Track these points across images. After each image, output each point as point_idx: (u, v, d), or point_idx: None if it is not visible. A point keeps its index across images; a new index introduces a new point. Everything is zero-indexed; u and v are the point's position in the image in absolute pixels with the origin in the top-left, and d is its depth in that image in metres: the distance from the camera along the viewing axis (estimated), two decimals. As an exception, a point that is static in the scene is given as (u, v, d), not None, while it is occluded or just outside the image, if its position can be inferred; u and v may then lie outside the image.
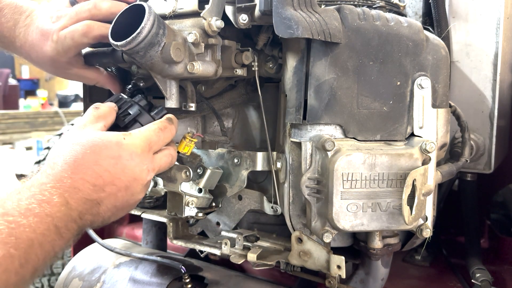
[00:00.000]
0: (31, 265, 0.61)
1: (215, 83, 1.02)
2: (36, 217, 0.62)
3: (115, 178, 0.73)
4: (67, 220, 0.66)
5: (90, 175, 0.71)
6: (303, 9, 0.81)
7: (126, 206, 0.78)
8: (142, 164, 0.77)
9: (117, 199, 0.75)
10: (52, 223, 0.64)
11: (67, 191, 0.68)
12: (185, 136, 0.93)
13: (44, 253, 0.63)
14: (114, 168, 0.73)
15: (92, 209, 0.71)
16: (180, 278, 1.03)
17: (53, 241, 0.64)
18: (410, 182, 0.77)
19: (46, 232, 0.63)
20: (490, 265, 1.28)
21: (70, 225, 0.67)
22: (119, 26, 0.80)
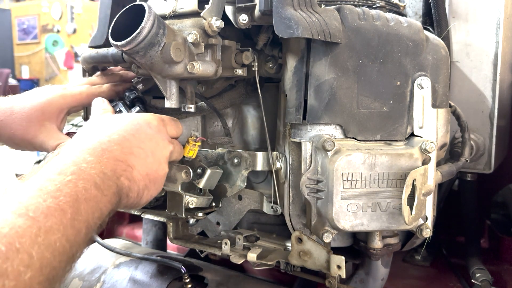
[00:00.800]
0: (82, 218, 0.61)
1: (215, 83, 1.02)
2: (74, 174, 0.63)
3: (140, 142, 0.76)
4: (103, 177, 0.67)
5: (116, 138, 0.73)
6: (303, 9, 0.81)
7: (157, 178, 0.79)
8: (160, 134, 0.81)
9: (147, 165, 0.76)
10: (91, 179, 0.65)
11: (97, 151, 0.69)
12: (189, 140, 0.93)
13: (91, 208, 0.63)
14: (138, 132, 0.77)
15: (126, 171, 0.72)
16: (180, 278, 1.03)
17: (96, 197, 0.64)
18: (410, 182, 0.77)
19: (87, 186, 0.63)
20: (490, 265, 1.29)
21: (107, 183, 0.67)
22: (119, 26, 0.80)
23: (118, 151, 0.72)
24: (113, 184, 0.69)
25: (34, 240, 0.52)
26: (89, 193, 0.63)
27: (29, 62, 9.46)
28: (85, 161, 0.66)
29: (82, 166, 0.65)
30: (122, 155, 0.72)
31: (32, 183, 0.60)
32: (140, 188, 0.75)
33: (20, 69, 9.52)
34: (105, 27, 1.04)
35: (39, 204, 0.56)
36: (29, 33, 9.49)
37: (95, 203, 0.64)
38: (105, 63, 1.03)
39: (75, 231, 0.59)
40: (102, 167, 0.68)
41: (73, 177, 0.62)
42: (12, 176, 4.20)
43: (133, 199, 0.75)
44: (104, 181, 0.67)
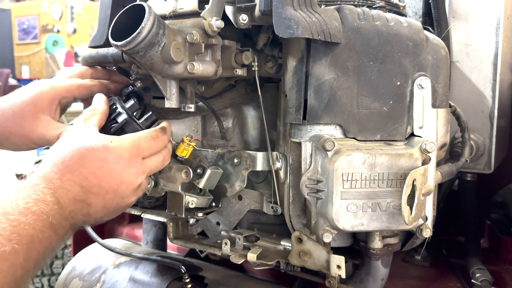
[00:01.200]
0: (33, 259, 0.64)
1: (215, 83, 1.02)
2: (34, 215, 0.65)
3: (101, 181, 0.75)
4: (60, 218, 0.70)
5: (77, 176, 0.73)
6: (303, 9, 0.81)
7: (117, 208, 0.80)
8: (129, 167, 0.78)
9: (106, 202, 0.76)
10: (48, 221, 0.67)
11: (57, 191, 0.71)
12: (183, 139, 0.93)
13: (44, 249, 0.66)
14: (100, 171, 0.75)
15: (83, 209, 0.74)
16: (180, 278, 1.03)
17: (50, 238, 0.67)
18: (410, 182, 0.77)
19: (43, 229, 0.66)
20: (490, 265, 1.28)
21: (63, 223, 0.70)
22: (119, 26, 0.80)
23: (78, 191, 0.73)
24: (68, 224, 0.72)
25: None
26: (44, 234, 0.66)
27: (29, 62, 9.45)
28: (45, 201, 0.68)
29: (41, 207, 0.67)
30: (81, 194, 0.73)
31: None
32: (97, 219, 0.78)
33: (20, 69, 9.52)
34: (105, 27, 1.04)
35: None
36: (29, 33, 9.49)
37: (49, 243, 0.67)
38: (105, 63, 1.03)
39: (23, 272, 0.62)
40: (61, 209, 0.70)
41: (32, 218, 0.65)
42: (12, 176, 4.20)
43: (88, 223, 0.78)
44: (60, 221, 0.70)
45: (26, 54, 9.47)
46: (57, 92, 0.93)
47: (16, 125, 0.90)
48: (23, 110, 0.90)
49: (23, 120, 0.90)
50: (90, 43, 1.07)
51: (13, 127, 0.90)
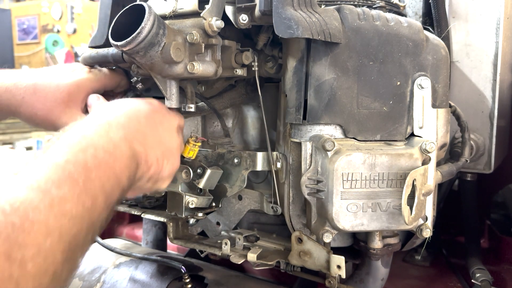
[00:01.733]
0: (96, 184, 0.61)
1: (215, 83, 1.02)
2: (82, 144, 0.63)
3: (149, 116, 0.78)
4: (114, 143, 0.67)
5: (125, 112, 0.75)
6: (303, 9, 0.81)
7: (171, 148, 0.80)
8: (162, 108, 0.84)
9: (158, 134, 0.77)
10: (100, 146, 0.65)
11: (106, 124, 0.69)
12: (189, 140, 0.93)
13: (104, 174, 0.63)
14: (144, 109, 0.78)
15: (137, 137, 0.72)
16: (180, 278, 1.03)
17: (108, 163, 0.64)
18: (410, 182, 0.77)
19: (96, 153, 0.63)
20: (490, 265, 1.28)
21: (119, 148, 0.68)
22: (119, 26, 0.80)
23: (127, 123, 0.73)
24: (126, 149, 0.69)
25: (48, 211, 0.52)
26: (98, 159, 0.62)
27: (29, 62, 9.45)
28: (94, 132, 0.66)
29: (90, 136, 0.65)
30: (131, 123, 0.73)
31: (41, 157, 0.60)
32: (158, 155, 0.75)
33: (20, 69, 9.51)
34: (105, 27, 1.04)
35: (49, 176, 0.56)
36: (29, 33, 9.48)
37: (108, 168, 0.63)
38: (105, 63, 1.03)
39: (90, 198, 0.59)
40: (111, 135, 0.68)
41: (81, 146, 0.62)
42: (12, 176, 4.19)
43: (154, 167, 0.75)
44: (115, 146, 0.67)
45: (26, 54, 9.47)
46: (93, 86, 0.95)
47: (45, 108, 0.91)
48: (57, 97, 0.90)
49: (53, 105, 0.90)
50: (90, 43, 1.07)
51: (41, 109, 0.91)
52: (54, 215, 0.52)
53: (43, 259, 0.49)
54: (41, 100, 0.90)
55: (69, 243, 0.53)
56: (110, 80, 0.98)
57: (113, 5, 1.03)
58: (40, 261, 0.49)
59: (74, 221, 0.55)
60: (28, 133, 6.94)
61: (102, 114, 0.73)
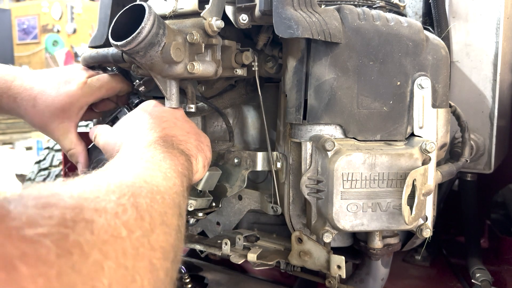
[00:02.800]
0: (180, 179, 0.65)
1: (215, 83, 1.02)
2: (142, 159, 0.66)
3: (161, 116, 0.82)
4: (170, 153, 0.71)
5: (146, 123, 0.80)
6: (303, 9, 0.81)
7: (194, 131, 0.84)
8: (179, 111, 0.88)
9: (180, 128, 0.81)
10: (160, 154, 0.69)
11: (146, 144, 0.72)
12: None
13: (183, 172, 0.68)
14: (156, 112, 0.84)
15: (173, 140, 0.76)
16: (180, 278, 1.03)
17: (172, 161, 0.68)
18: (410, 182, 0.77)
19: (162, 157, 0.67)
20: (490, 265, 1.28)
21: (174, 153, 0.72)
22: (119, 26, 0.80)
23: (157, 135, 0.76)
24: (178, 151, 0.73)
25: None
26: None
27: (29, 62, 9.45)
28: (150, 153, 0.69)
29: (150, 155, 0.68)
30: (161, 133, 0.76)
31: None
32: (194, 144, 0.80)
33: (20, 69, 9.51)
34: (105, 27, 1.04)
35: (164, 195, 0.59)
36: (29, 33, 9.49)
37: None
38: (105, 63, 1.03)
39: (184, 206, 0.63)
40: (163, 148, 0.71)
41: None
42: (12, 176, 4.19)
43: (200, 155, 0.80)
44: (175, 154, 0.71)
45: (26, 54, 9.47)
46: (87, 100, 0.97)
47: (42, 122, 0.96)
48: (52, 112, 0.95)
49: (49, 120, 0.96)
50: (90, 43, 1.07)
51: (39, 122, 0.96)
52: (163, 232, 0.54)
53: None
54: (39, 114, 0.95)
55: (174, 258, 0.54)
56: (107, 90, 0.99)
57: (113, 5, 1.03)
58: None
59: (179, 235, 0.57)
60: (28, 133, 6.95)
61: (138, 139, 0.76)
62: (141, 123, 0.81)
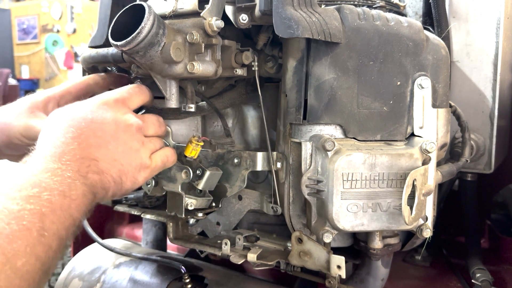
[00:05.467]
0: (51, 232, 0.59)
1: (215, 83, 1.02)
2: (36, 187, 0.61)
3: (96, 130, 0.72)
4: (68, 183, 0.65)
5: (70, 136, 0.69)
6: (303, 9, 0.81)
7: (130, 158, 0.75)
8: (119, 110, 0.76)
9: (112, 152, 0.72)
10: (55, 188, 0.62)
11: (55, 156, 0.67)
12: (191, 140, 0.93)
13: (60, 219, 0.61)
14: (92, 122, 0.72)
15: (90, 166, 0.69)
16: (180, 278, 1.03)
17: (63, 205, 0.62)
18: (410, 182, 0.77)
19: (51, 197, 0.61)
20: (490, 265, 1.28)
21: (74, 187, 0.65)
22: (119, 26, 0.80)
23: (76, 149, 0.69)
24: (81, 184, 0.66)
25: (0, 270, 0.51)
26: (54, 204, 0.61)
27: (29, 62, 9.45)
28: (46, 170, 0.64)
29: (42, 177, 0.63)
30: (81, 151, 0.69)
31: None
32: (114, 176, 0.72)
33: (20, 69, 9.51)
34: (105, 27, 1.03)
35: (3, 228, 0.54)
36: (29, 33, 9.49)
37: (63, 211, 0.62)
38: (105, 63, 1.03)
39: (44, 247, 0.58)
40: (64, 172, 0.65)
41: (35, 190, 0.60)
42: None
43: (112, 188, 0.72)
44: (70, 186, 0.64)
45: (26, 54, 9.47)
46: (52, 94, 0.93)
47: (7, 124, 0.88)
48: (19, 108, 0.89)
49: (19, 116, 0.88)
50: (90, 43, 1.07)
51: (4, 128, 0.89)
52: (6, 275, 0.51)
53: None
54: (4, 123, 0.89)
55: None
56: (73, 86, 0.94)
57: (113, 5, 1.03)
58: None
59: (26, 277, 0.54)
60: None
61: (50, 137, 0.70)
62: (63, 129, 0.71)
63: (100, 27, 1.05)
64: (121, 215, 1.88)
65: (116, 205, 1.20)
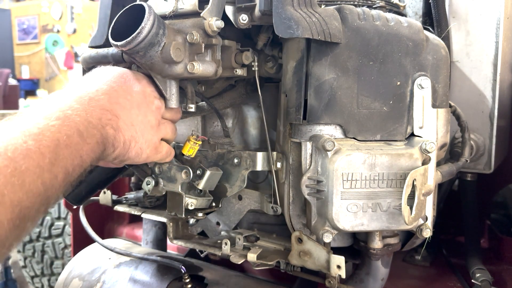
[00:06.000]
0: (61, 164, 0.62)
1: (215, 83, 1.02)
2: (59, 120, 0.64)
3: (127, 94, 0.78)
4: (87, 126, 0.68)
5: (104, 88, 0.75)
6: (303, 9, 0.81)
7: (144, 129, 0.80)
8: (148, 86, 0.83)
9: (132, 117, 0.78)
10: (75, 126, 0.65)
11: (83, 100, 0.70)
12: (189, 138, 0.93)
13: (71, 155, 0.64)
14: (125, 85, 0.79)
15: (111, 120, 0.73)
16: (180, 278, 1.03)
17: (78, 144, 0.65)
18: (410, 182, 0.77)
19: (70, 133, 0.64)
20: (490, 265, 1.29)
21: (91, 131, 0.68)
22: (119, 26, 0.80)
23: (105, 100, 0.73)
24: (98, 132, 0.70)
25: (8, 180, 0.54)
26: (70, 139, 0.64)
27: (29, 62, 9.45)
28: (71, 108, 0.67)
29: (67, 113, 0.66)
30: (108, 104, 0.73)
31: (16, 124, 0.61)
32: (126, 138, 0.76)
33: (20, 69, 9.51)
34: (105, 27, 1.04)
35: (19, 145, 0.57)
36: (29, 33, 9.49)
37: (75, 150, 0.64)
38: (105, 63, 1.03)
39: (51, 176, 0.60)
40: (88, 115, 0.69)
41: (57, 122, 0.63)
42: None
43: (119, 149, 0.76)
44: (88, 129, 0.68)
45: (26, 54, 9.47)
46: None
47: None
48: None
49: None
50: (90, 43, 1.07)
51: None
52: (12, 185, 0.54)
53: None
54: None
55: (19, 214, 0.55)
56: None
57: (113, 5, 1.03)
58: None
59: (29, 195, 0.56)
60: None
61: (84, 84, 0.74)
62: (101, 80, 0.76)
63: (100, 27, 1.05)
64: (121, 215, 1.88)
65: (116, 205, 1.20)
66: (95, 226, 1.17)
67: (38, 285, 2.25)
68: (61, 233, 2.14)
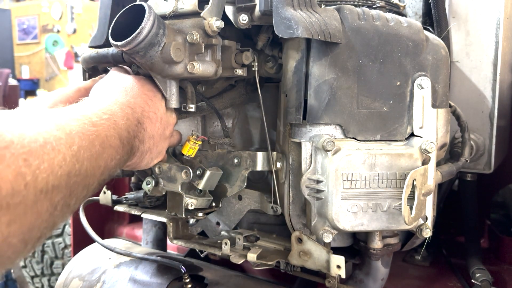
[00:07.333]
0: (104, 157, 0.65)
1: (215, 83, 1.02)
2: (109, 120, 0.69)
3: (155, 108, 0.83)
4: (127, 135, 0.73)
5: (139, 101, 0.80)
6: (303, 9, 0.81)
7: (159, 142, 0.85)
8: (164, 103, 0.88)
9: (155, 129, 0.82)
10: (119, 132, 0.70)
11: (125, 108, 0.75)
12: (189, 138, 0.93)
13: (111, 155, 0.68)
14: (154, 99, 0.84)
15: (140, 133, 0.78)
16: (180, 278, 1.03)
17: (118, 148, 0.70)
18: (410, 182, 0.77)
19: (115, 135, 0.69)
20: (490, 265, 1.29)
21: (127, 140, 0.73)
22: (119, 26, 0.80)
23: (140, 113, 0.78)
24: (131, 142, 0.74)
25: (68, 151, 0.57)
26: (114, 141, 0.68)
27: (29, 62, 9.45)
28: (117, 114, 0.72)
29: (116, 117, 0.71)
30: (142, 117, 0.78)
31: (75, 108, 0.66)
32: (144, 149, 0.81)
33: (20, 69, 9.51)
34: (105, 27, 1.04)
35: (80, 127, 0.61)
36: (29, 33, 9.48)
37: (115, 151, 0.69)
38: (105, 63, 1.03)
39: (95, 165, 0.63)
40: (128, 124, 0.73)
41: (108, 122, 0.68)
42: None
43: (135, 158, 0.80)
44: (126, 136, 0.73)
45: (26, 54, 9.46)
46: (83, 85, 0.96)
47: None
48: (50, 100, 0.94)
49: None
50: (90, 43, 1.07)
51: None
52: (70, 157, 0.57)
53: (52, 177, 0.54)
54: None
55: (66, 184, 0.56)
56: (75, 93, 0.97)
57: (113, 5, 1.03)
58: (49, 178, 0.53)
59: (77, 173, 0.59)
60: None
61: (124, 91, 0.79)
62: (139, 94, 0.81)
63: (100, 27, 1.05)
64: (121, 215, 1.88)
65: (116, 205, 1.20)
66: (95, 226, 1.17)
67: (38, 285, 2.25)
68: (61, 233, 2.14)
